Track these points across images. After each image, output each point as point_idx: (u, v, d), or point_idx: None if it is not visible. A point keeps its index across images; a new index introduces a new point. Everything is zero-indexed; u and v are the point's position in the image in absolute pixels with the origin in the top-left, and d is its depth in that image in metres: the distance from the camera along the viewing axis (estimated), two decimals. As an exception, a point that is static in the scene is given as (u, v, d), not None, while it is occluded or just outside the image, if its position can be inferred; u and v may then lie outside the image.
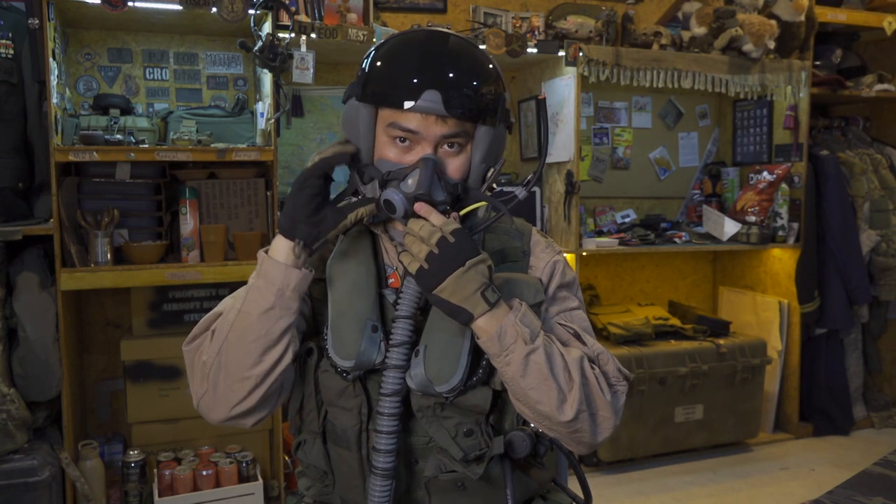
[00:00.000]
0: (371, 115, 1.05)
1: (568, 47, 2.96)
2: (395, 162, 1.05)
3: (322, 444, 1.15)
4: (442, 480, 1.10)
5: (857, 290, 3.51)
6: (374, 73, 1.05)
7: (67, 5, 2.39)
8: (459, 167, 1.06)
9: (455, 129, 1.03)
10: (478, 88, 1.04)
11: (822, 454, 3.36)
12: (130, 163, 2.42)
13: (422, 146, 1.04)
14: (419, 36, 1.08)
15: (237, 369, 1.01)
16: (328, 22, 2.66)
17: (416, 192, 1.00)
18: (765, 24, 3.17)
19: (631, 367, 3.05)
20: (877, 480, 1.33)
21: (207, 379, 1.04)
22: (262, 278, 1.02)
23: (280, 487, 2.62)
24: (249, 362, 1.01)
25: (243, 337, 1.01)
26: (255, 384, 1.02)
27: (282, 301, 1.01)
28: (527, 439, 1.07)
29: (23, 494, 2.20)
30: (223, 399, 1.04)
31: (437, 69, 1.02)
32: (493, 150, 1.08)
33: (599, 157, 3.61)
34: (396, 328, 1.04)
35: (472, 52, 1.07)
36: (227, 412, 1.05)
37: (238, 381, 1.02)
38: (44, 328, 2.31)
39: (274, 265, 1.02)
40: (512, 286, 1.08)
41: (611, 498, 2.89)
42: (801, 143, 3.44)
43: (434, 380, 1.03)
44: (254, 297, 1.02)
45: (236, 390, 1.02)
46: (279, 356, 1.02)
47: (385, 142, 1.05)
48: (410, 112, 1.01)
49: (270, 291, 1.01)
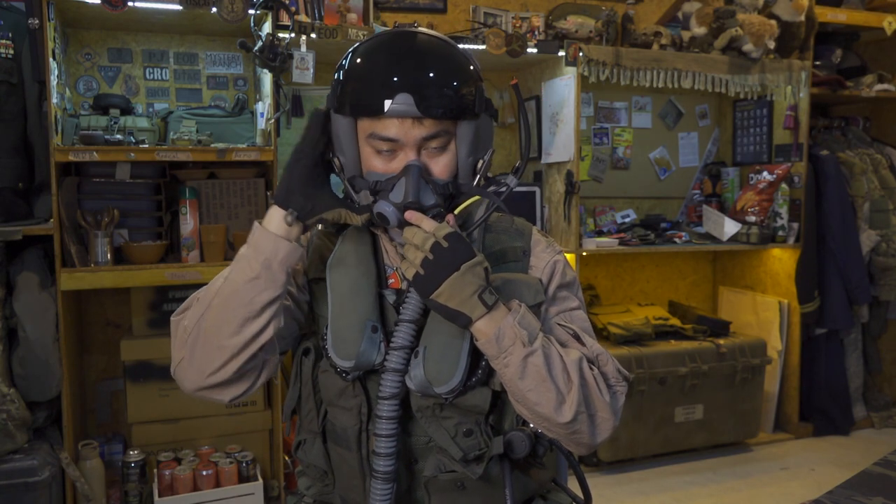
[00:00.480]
0: (351, 127, 1.04)
1: (568, 47, 2.96)
2: (382, 172, 1.04)
3: (322, 444, 1.15)
4: (441, 480, 1.10)
5: (857, 290, 3.50)
6: (345, 83, 1.04)
7: (67, 5, 2.39)
8: (446, 166, 1.05)
9: (434, 130, 1.02)
10: (450, 84, 1.02)
11: (822, 454, 3.36)
12: (130, 163, 2.42)
13: (404, 152, 1.02)
14: (384, 39, 1.06)
15: (216, 337, 0.99)
16: (328, 22, 2.66)
17: (406, 202, 1.00)
18: (765, 24, 3.17)
19: (631, 367, 3.05)
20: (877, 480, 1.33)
21: (186, 345, 1.01)
22: (251, 247, 1.01)
23: (280, 487, 2.62)
24: (229, 331, 0.99)
25: (225, 304, 0.99)
26: (231, 354, 0.99)
27: (268, 272, 0.99)
28: (526, 439, 1.07)
29: (23, 494, 2.20)
30: (198, 366, 1.01)
31: (406, 71, 1.00)
32: (478, 141, 1.07)
33: (599, 157, 3.61)
34: (398, 331, 1.03)
35: (440, 48, 1.05)
36: (201, 380, 1.02)
37: (215, 349, 1.00)
38: (44, 328, 2.31)
39: (264, 234, 1.00)
40: (512, 287, 1.07)
41: (611, 498, 2.89)
42: (801, 143, 3.44)
43: (433, 381, 1.03)
44: (240, 266, 1.00)
45: (212, 359, 1.00)
46: (259, 329, 0.99)
47: (369, 153, 1.04)
48: (386, 118, 1.00)
49: (257, 260, 0.99)
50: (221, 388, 1.03)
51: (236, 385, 1.03)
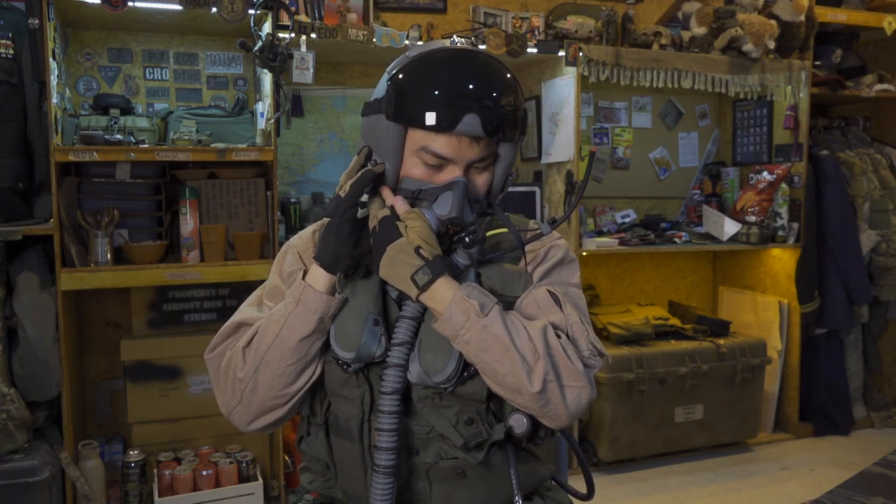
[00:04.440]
0: (400, 135, 1.06)
1: (568, 47, 2.96)
2: (422, 181, 1.07)
3: (325, 436, 1.17)
4: (442, 468, 1.11)
5: (857, 290, 3.50)
6: (405, 94, 1.05)
7: (67, 5, 2.39)
8: (485, 183, 1.11)
9: (485, 153, 1.07)
10: (510, 107, 1.06)
11: (822, 454, 3.36)
12: (130, 163, 2.42)
13: (451, 168, 1.06)
14: (447, 55, 1.08)
15: (274, 387, 1.08)
16: (328, 22, 2.66)
17: (450, 216, 1.05)
18: (765, 24, 3.17)
19: (631, 367, 3.05)
20: (877, 480, 1.33)
21: (242, 395, 1.10)
22: (301, 306, 1.06)
23: (280, 487, 2.62)
24: (286, 382, 1.08)
25: (281, 361, 1.07)
26: (289, 399, 1.10)
27: (321, 326, 1.07)
28: (526, 420, 1.07)
29: (23, 494, 2.20)
30: (257, 412, 1.11)
31: (473, 92, 1.04)
32: (512, 162, 1.13)
33: (599, 157, 3.61)
34: (399, 327, 1.06)
35: (499, 69, 1.09)
36: (261, 424, 1.12)
37: (274, 398, 1.09)
38: (44, 328, 2.31)
39: (314, 295, 1.06)
40: (506, 275, 1.11)
41: (611, 498, 2.89)
42: (801, 143, 3.44)
43: (429, 371, 1.05)
44: (293, 324, 1.06)
45: (271, 406, 1.10)
46: (312, 373, 1.10)
47: (414, 163, 1.07)
48: (443, 136, 1.04)
49: (311, 319, 1.06)
50: (277, 424, 1.14)
51: (288, 418, 1.15)
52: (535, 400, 1.02)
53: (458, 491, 1.12)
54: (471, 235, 1.06)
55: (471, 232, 1.06)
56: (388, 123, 1.06)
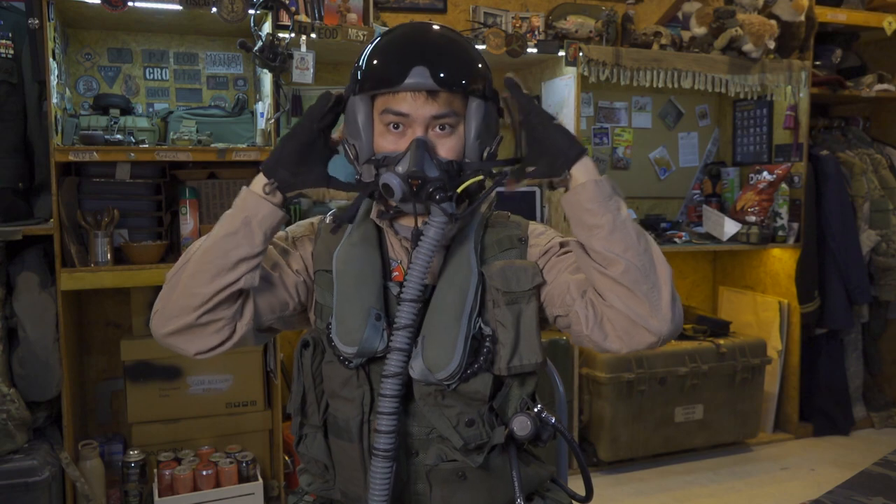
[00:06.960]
0: (368, 106, 1.09)
1: (568, 47, 2.96)
2: (391, 151, 1.08)
3: (323, 438, 1.17)
4: (442, 470, 1.11)
5: (857, 290, 3.50)
6: (363, 65, 1.10)
7: (67, 5, 2.39)
8: (452, 148, 1.08)
9: (444, 110, 1.06)
10: (463, 61, 1.09)
11: (822, 454, 3.36)
12: (130, 163, 2.42)
13: (413, 129, 1.07)
14: (404, 26, 1.16)
15: (189, 284, 1.05)
16: (328, 22, 2.66)
17: (410, 170, 1.03)
18: (765, 24, 3.17)
19: (631, 367, 3.05)
20: (877, 480, 1.33)
21: (165, 296, 1.08)
22: (235, 206, 1.09)
23: (280, 487, 2.62)
24: (202, 280, 1.04)
25: (203, 256, 1.06)
26: (200, 301, 1.04)
27: (246, 229, 1.05)
28: (529, 422, 1.06)
29: (23, 494, 2.20)
30: (170, 311, 1.07)
31: (423, 47, 1.07)
32: (486, 126, 1.10)
33: (599, 157, 3.61)
34: (400, 311, 1.05)
35: (454, 34, 1.14)
36: (170, 325, 1.07)
37: (186, 295, 1.05)
38: (44, 328, 2.31)
39: (247, 194, 1.08)
40: (510, 271, 1.10)
41: (611, 498, 2.89)
42: (801, 143, 3.44)
43: (432, 367, 1.04)
44: (222, 222, 1.08)
45: (183, 304, 1.05)
46: (230, 282, 1.04)
47: (381, 131, 1.09)
48: (401, 93, 1.05)
49: (238, 217, 1.06)
50: (187, 333, 1.07)
51: (201, 336, 1.07)
52: (653, 290, 1.01)
53: (458, 493, 1.12)
54: (440, 192, 1.03)
55: (436, 189, 1.03)
56: (353, 100, 1.09)
